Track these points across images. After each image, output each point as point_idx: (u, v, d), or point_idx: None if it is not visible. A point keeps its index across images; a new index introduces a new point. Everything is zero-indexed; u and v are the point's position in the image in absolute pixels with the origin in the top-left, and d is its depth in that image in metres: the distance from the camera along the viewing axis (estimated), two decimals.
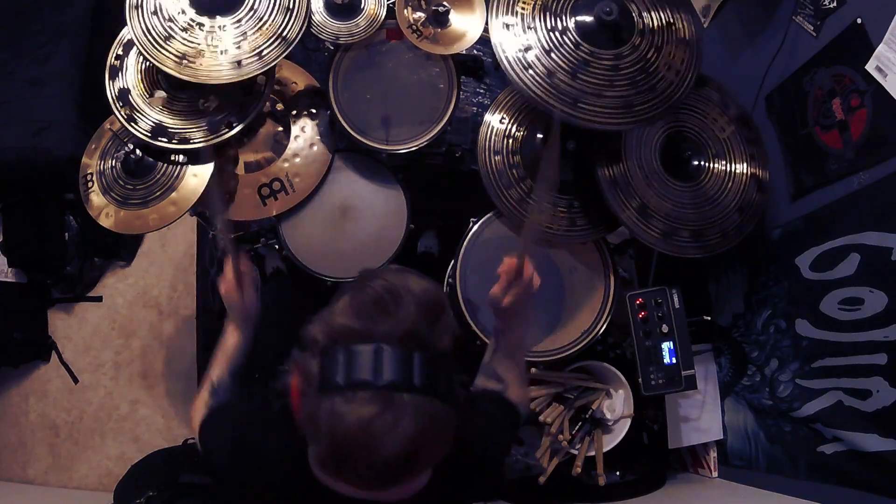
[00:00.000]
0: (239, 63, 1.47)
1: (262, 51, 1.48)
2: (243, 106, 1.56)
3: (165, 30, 1.46)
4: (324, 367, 0.75)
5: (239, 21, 1.49)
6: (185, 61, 1.45)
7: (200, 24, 1.48)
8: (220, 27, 1.48)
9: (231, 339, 1.30)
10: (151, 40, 1.45)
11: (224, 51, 1.47)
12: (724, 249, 1.65)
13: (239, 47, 1.48)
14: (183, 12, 1.48)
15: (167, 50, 1.45)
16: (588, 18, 1.42)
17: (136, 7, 1.46)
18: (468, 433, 0.99)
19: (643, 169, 1.61)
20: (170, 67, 1.44)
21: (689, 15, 1.51)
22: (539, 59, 1.40)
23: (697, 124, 1.68)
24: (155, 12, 1.47)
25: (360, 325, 0.75)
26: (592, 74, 1.41)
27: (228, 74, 1.46)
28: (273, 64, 1.48)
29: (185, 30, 1.47)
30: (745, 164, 1.69)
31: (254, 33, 1.49)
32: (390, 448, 0.70)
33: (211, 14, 1.49)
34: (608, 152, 1.59)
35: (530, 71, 1.40)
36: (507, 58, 1.40)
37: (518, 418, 1.19)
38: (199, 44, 1.47)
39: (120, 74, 1.59)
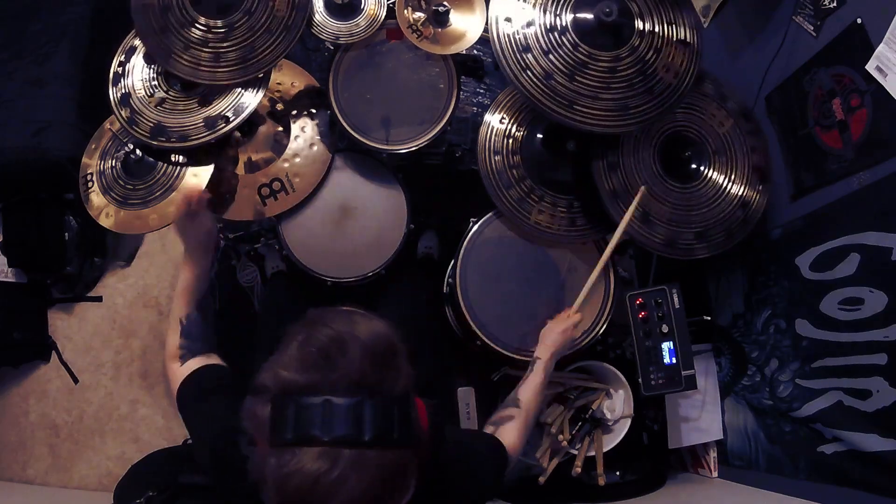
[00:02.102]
0: (245, 59, 1.47)
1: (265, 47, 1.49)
2: (240, 101, 1.56)
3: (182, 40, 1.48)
4: (273, 419, 0.73)
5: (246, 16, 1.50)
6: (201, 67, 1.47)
7: (211, 27, 1.49)
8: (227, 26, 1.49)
9: (187, 274, 1.27)
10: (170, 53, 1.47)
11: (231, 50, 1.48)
12: (731, 246, 1.65)
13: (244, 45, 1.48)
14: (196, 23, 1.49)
15: (183, 58, 1.47)
16: (588, 19, 1.42)
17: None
18: (450, 468, 0.98)
19: (643, 175, 1.61)
20: (187, 74, 1.46)
21: (690, 15, 1.51)
22: (537, 61, 1.40)
23: (696, 121, 1.68)
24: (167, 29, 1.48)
25: (307, 379, 0.74)
26: (590, 77, 1.41)
27: (236, 73, 1.46)
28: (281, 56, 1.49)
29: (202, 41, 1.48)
30: (746, 158, 1.68)
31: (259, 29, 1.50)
32: (339, 503, 0.69)
33: (215, 16, 1.50)
34: (607, 163, 1.59)
35: (528, 72, 1.40)
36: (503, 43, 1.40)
37: (505, 467, 1.18)
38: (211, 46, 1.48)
39: (122, 81, 1.59)
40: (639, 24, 1.45)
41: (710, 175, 1.67)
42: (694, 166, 1.67)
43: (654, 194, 1.61)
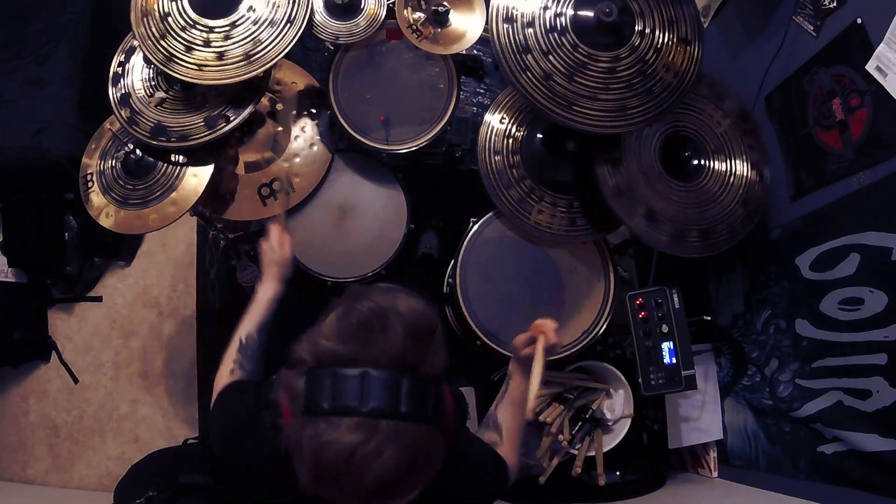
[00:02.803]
0: (249, 56, 1.47)
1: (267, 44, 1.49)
2: (241, 100, 1.56)
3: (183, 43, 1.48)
4: (309, 390, 0.74)
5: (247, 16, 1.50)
6: (204, 68, 1.47)
7: (210, 28, 1.49)
8: (228, 25, 1.49)
9: (268, 293, 1.33)
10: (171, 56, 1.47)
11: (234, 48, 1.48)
12: (735, 243, 1.65)
13: (246, 43, 1.49)
14: (193, 22, 1.48)
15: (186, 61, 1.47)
16: (588, 18, 1.42)
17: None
18: (456, 475, 0.97)
19: (645, 173, 1.61)
20: (193, 77, 1.46)
21: (691, 12, 1.51)
22: (537, 62, 1.40)
23: (693, 122, 1.68)
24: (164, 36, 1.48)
25: (347, 350, 0.74)
26: (589, 77, 1.41)
27: (240, 71, 1.47)
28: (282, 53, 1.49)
29: (206, 42, 1.48)
30: (744, 156, 1.68)
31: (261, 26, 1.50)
32: (374, 475, 0.70)
33: (215, 16, 1.50)
34: (609, 161, 1.59)
35: (528, 73, 1.40)
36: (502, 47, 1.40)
37: (507, 476, 1.16)
38: (215, 47, 1.48)
39: (122, 81, 1.59)
40: (639, 24, 1.45)
41: (711, 173, 1.67)
42: (695, 163, 1.67)
43: (657, 191, 1.60)
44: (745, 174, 1.67)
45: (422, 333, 0.77)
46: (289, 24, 1.50)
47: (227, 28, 1.49)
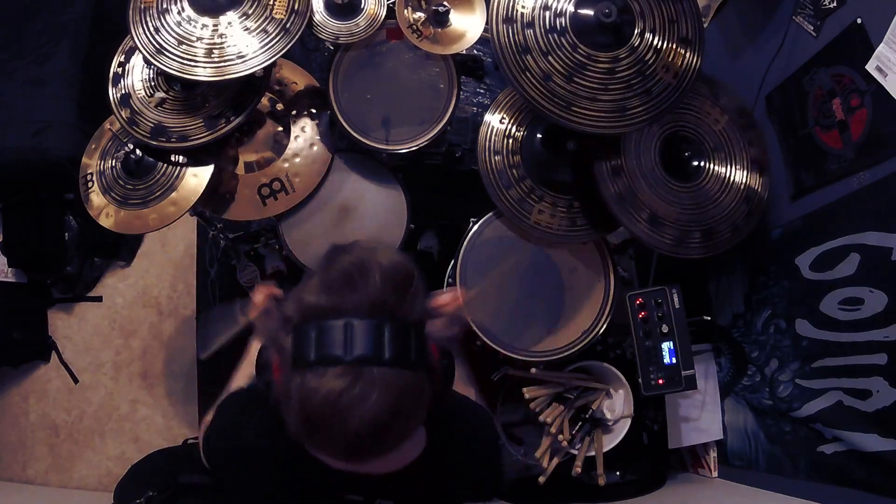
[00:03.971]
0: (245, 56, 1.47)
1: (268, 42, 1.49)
2: (241, 100, 1.56)
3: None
4: (296, 344, 0.76)
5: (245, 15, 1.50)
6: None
7: (207, 25, 1.48)
8: (227, 24, 1.49)
9: (258, 349, 1.33)
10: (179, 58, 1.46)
11: (233, 46, 1.48)
12: (738, 242, 1.65)
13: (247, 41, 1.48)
14: (190, 20, 1.48)
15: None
16: (588, 18, 1.42)
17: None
18: (453, 437, 1.01)
19: (646, 177, 1.61)
20: (180, 71, 1.45)
21: (691, 9, 1.51)
22: (536, 63, 1.40)
23: (691, 121, 1.68)
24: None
25: (329, 301, 0.76)
26: (588, 78, 1.41)
27: (239, 69, 1.47)
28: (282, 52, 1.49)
29: (201, 38, 1.48)
30: (744, 152, 1.68)
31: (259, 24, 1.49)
32: (360, 420, 0.72)
33: (214, 13, 1.49)
34: (610, 168, 1.59)
35: (527, 74, 1.40)
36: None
37: (496, 434, 1.18)
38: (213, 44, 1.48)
39: (122, 81, 1.59)
40: (639, 24, 1.45)
41: (711, 172, 1.67)
42: (695, 164, 1.67)
43: (659, 194, 1.60)
44: (745, 170, 1.67)
45: (402, 282, 0.80)
46: (283, 32, 1.50)
47: (222, 27, 1.48)
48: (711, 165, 1.67)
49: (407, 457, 0.93)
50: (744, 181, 1.67)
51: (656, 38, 1.45)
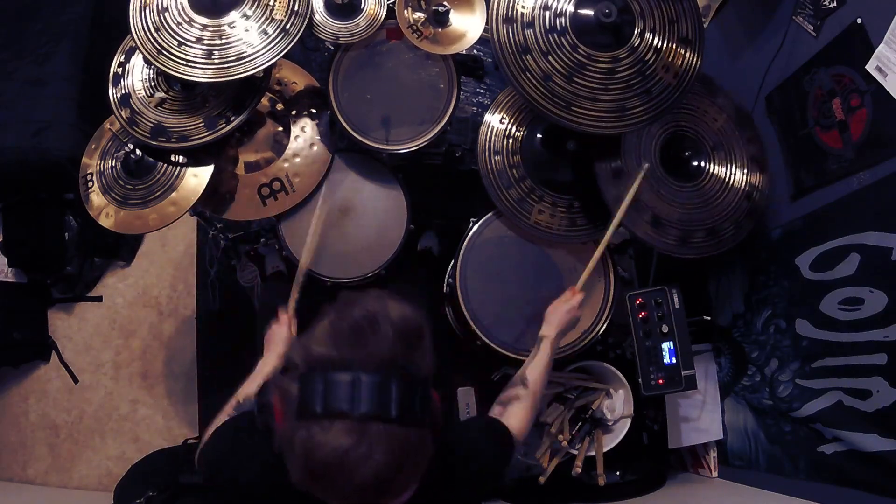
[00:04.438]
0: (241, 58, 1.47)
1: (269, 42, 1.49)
2: (241, 100, 1.56)
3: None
4: (303, 394, 0.76)
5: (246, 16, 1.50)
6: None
7: (207, 27, 1.48)
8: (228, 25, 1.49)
9: (268, 366, 1.38)
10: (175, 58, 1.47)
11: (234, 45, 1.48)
12: (742, 238, 1.65)
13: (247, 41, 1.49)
14: (189, 19, 1.48)
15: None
16: (588, 17, 1.42)
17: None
18: (454, 454, 1.01)
19: (648, 179, 1.61)
20: (180, 73, 1.46)
21: (691, 9, 1.51)
22: (536, 63, 1.40)
23: (690, 120, 1.68)
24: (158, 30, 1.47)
25: (338, 354, 0.76)
26: (588, 78, 1.41)
27: (230, 72, 1.47)
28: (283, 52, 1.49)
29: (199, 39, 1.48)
30: (743, 150, 1.68)
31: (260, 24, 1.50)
32: (364, 476, 0.72)
33: (214, 14, 1.49)
34: (612, 170, 1.59)
35: (527, 74, 1.40)
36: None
37: (511, 449, 1.19)
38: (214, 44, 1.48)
39: (122, 81, 1.59)
40: (639, 24, 1.45)
41: (712, 170, 1.67)
42: (695, 163, 1.67)
43: (661, 195, 1.61)
44: (745, 168, 1.68)
45: (411, 336, 0.80)
46: (283, 34, 1.50)
47: (222, 28, 1.48)
48: (712, 164, 1.67)
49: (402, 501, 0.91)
50: (744, 178, 1.67)
51: (656, 38, 1.45)
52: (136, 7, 1.48)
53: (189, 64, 1.46)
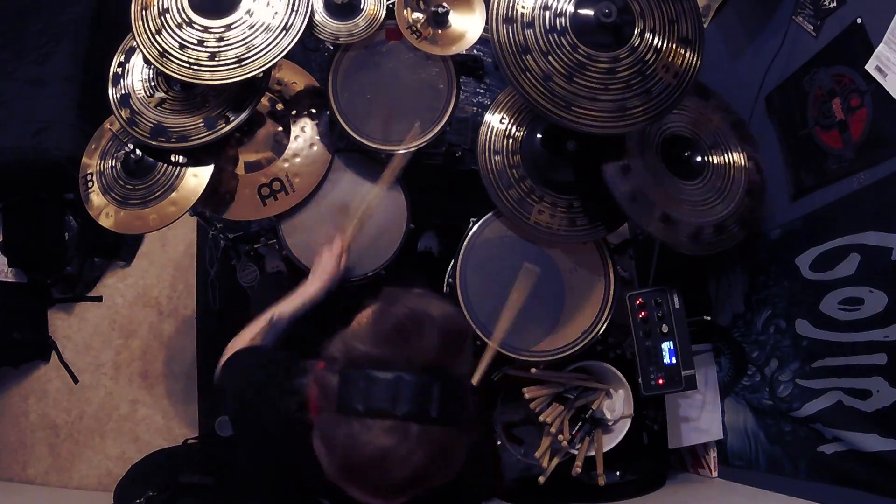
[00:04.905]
0: (241, 60, 1.47)
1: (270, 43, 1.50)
2: (241, 100, 1.56)
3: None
4: (343, 389, 0.76)
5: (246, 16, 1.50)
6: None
7: (205, 28, 1.49)
8: (223, 27, 1.49)
9: (310, 291, 1.42)
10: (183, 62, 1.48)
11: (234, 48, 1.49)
12: (746, 235, 1.65)
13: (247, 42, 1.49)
14: (190, 20, 1.49)
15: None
16: (588, 17, 1.42)
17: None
18: None
19: (654, 175, 1.61)
20: (184, 75, 1.47)
21: (692, 9, 1.51)
22: (536, 63, 1.40)
23: (686, 120, 1.68)
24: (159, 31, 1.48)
25: (381, 353, 0.76)
26: (588, 78, 1.41)
27: (231, 73, 1.47)
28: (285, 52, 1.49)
29: (201, 41, 1.49)
30: (738, 148, 1.69)
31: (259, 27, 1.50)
32: (401, 474, 0.73)
33: (212, 16, 1.50)
34: (619, 168, 1.59)
35: (527, 74, 1.40)
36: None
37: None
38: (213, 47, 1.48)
39: (122, 81, 1.59)
40: (639, 24, 1.45)
41: (712, 168, 1.67)
42: (698, 159, 1.67)
43: (668, 194, 1.61)
44: (742, 165, 1.68)
45: (454, 339, 0.80)
46: (284, 32, 1.50)
47: (221, 30, 1.49)
48: (712, 162, 1.67)
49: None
50: (743, 175, 1.67)
51: (656, 38, 1.45)
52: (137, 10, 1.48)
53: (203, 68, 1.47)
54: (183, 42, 1.47)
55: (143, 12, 1.48)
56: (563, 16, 1.43)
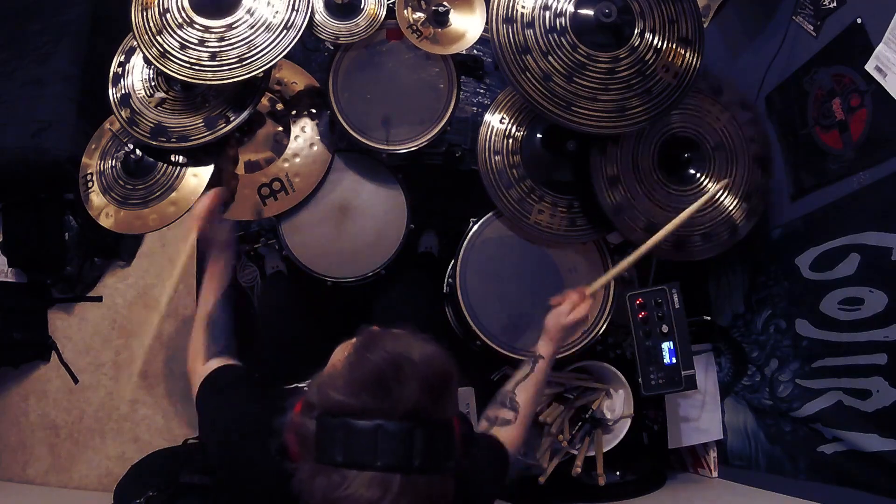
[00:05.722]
0: (243, 60, 1.47)
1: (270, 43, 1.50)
2: (240, 100, 1.56)
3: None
4: (321, 438, 0.73)
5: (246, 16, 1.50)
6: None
7: (206, 28, 1.49)
8: (224, 27, 1.49)
9: (214, 269, 1.34)
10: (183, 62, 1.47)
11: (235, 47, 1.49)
12: (736, 241, 1.65)
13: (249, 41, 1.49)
14: (190, 20, 1.49)
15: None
16: (588, 17, 1.42)
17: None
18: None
19: (643, 183, 1.60)
20: (185, 76, 1.47)
21: (691, 10, 1.51)
22: (536, 63, 1.41)
23: (691, 120, 1.67)
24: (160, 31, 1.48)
25: (359, 403, 0.72)
26: (588, 78, 1.41)
27: (233, 73, 1.47)
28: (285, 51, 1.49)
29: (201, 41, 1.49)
30: (745, 149, 1.67)
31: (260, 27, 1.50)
32: None
33: (213, 16, 1.50)
34: (607, 179, 1.59)
35: (527, 74, 1.40)
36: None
37: (507, 467, 1.16)
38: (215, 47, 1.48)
39: (122, 81, 1.59)
40: (639, 24, 1.45)
41: (711, 174, 1.66)
42: (692, 171, 1.66)
43: (656, 200, 1.61)
44: (746, 169, 1.67)
45: (438, 385, 0.75)
46: (285, 31, 1.50)
47: (223, 29, 1.49)
48: (711, 167, 1.66)
49: None
50: (745, 179, 1.66)
51: (656, 38, 1.45)
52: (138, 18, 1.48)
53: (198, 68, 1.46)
54: (184, 42, 1.47)
55: (144, 13, 1.48)
56: (563, 16, 1.43)
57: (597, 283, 1.41)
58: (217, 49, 1.48)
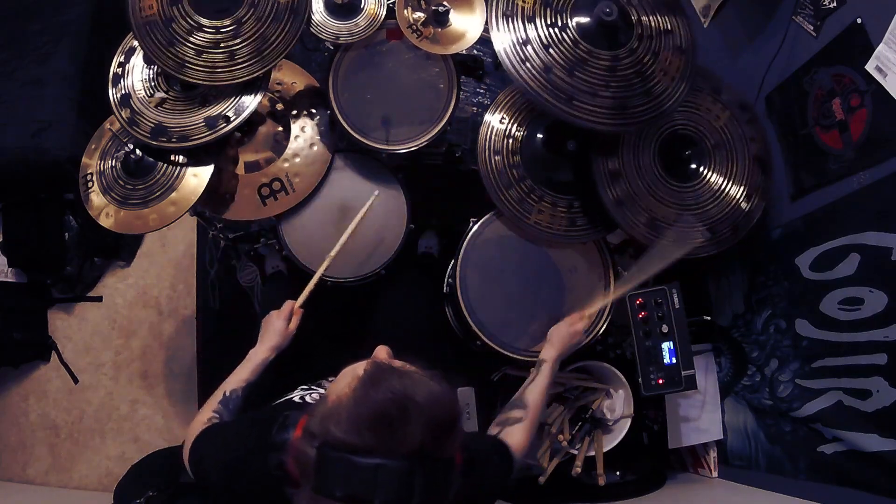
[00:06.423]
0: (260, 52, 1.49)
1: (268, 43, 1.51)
2: (241, 101, 1.57)
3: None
4: (320, 468, 0.73)
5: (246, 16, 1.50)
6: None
7: (217, 29, 1.50)
8: (235, 24, 1.50)
9: (260, 357, 1.36)
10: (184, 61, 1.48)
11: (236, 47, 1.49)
12: (738, 240, 1.64)
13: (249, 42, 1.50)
14: (199, 25, 1.49)
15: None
16: (587, 18, 1.43)
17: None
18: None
19: (645, 179, 1.60)
20: (208, 80, 1.48)
21: (686, 22, 1.51)
22: (537, 54, 1.40)
23: (692, 118, 1.67)
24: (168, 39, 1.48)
25: (361, 442, 0.72)
26: (589, 73, 1.41)
27: (253, 69, 1.49)
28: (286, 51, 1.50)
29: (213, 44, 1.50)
30: (745, 149, 1.67)
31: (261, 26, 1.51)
32: None
33: (216, 16, 1.50)
34: (609, 173, 1.59)
35: (527, 64, 1.40)
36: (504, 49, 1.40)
37: (511, 469, 1.18)
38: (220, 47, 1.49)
39: (122, 81, 1.59)
40: (637, 30, 1.45)
41: (711, 170, 1.66)
42: (693, 166, 1.67)
43: (658, 196, 1.61)
44: (746, 168, 1.67)
45: (442, 426, 0.75)
46: (293, 15, 1.50)
47: (233, 27, 1.49)
48: (712, 163, 1.67)
49: None
50: (744, 178, 1.66)
51: (652, 44, 1.45)
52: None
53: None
54: (199, 48, 1.48)
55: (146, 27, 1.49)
56: (565, 13, 1.43)
57: (594, 305, 1.60)
58: (233, 47, 1.49)
